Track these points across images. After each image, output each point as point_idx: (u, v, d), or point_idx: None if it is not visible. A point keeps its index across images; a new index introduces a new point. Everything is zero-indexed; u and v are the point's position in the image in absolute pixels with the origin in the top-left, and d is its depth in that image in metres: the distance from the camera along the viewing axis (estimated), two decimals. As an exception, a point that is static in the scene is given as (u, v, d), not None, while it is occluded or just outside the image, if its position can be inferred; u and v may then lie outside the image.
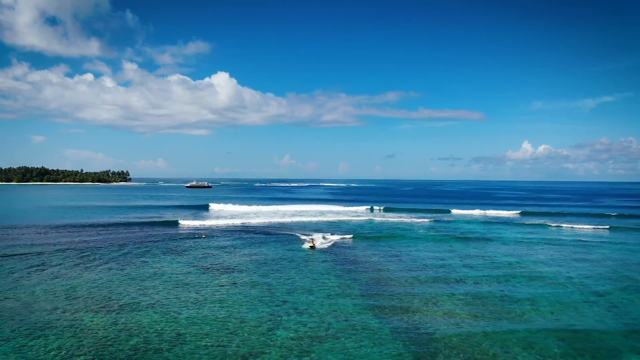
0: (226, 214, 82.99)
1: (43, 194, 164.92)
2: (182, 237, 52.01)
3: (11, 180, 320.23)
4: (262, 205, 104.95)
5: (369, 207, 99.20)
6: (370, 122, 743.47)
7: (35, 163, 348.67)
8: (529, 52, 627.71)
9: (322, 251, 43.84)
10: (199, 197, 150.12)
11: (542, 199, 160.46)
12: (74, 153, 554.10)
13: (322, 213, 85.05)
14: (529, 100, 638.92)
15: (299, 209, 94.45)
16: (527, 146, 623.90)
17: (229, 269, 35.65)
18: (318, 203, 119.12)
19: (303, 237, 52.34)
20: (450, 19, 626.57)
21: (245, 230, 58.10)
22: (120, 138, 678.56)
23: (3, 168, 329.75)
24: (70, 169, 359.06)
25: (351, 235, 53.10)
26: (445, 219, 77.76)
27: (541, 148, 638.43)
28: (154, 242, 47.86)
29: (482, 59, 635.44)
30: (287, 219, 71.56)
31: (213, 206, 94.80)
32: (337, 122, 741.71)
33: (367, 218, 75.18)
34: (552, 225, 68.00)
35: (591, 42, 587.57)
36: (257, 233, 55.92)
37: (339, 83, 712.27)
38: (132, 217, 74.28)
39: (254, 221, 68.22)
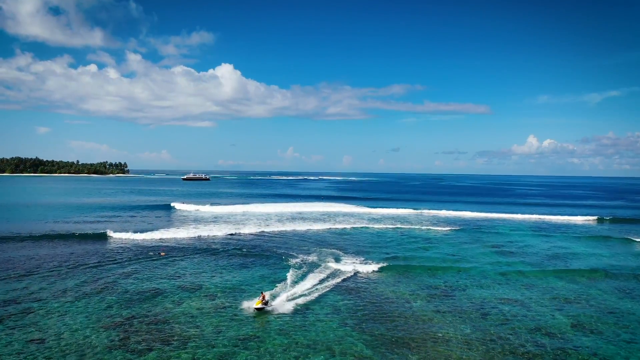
0: (209, 217, 66.86)
1: (16, 186, 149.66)
2: (119, 259, 36.02)
3: (4, 171, 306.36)
4: (257, 203, 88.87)
5: (384, 209, 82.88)
6: (375, 115, 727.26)
7: (41, 154, 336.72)
8: (535, 45, 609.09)
9: (336, 292, 27.72)
10: (188, 192, 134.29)
11: (570, 196, 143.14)
12: (79, 144, 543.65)
13: (328, 216, 68.86)
14: (534, 94, 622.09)
15: (300, 209, 78.14)
16: (532, 140, 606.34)
17: (159, 335, 19.65)
18: (322, 201, 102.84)
19: (301, 257, 36.36)
20: (456, 13, 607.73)
21: (222, 249, 41.92)
22: (124, 130, 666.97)
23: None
24: (65, 160, 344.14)
25: (378, 266, 33.80)
26: (485, 225, 61.31)
27: (546, 142, 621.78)
28: (72, 267, 31.73)
29: (488, 53, 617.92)
30: (282, 227, 55.30)
31: (196, 207, 78.26)
32: (341, 114, 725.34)
33: (385, 226, 58.85)
34: None
35: (597, 36, 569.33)
36: (236, 251, 39.89)
37: (344, 75, 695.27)
38: (82, 221, 57.95)
39: (240, 231, 51.90)
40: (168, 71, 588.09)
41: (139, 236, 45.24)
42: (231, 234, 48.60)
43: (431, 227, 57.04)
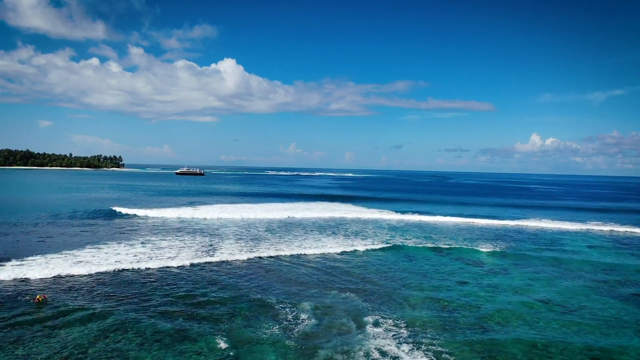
0: (172, 227, 50.15)
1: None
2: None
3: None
4: (245, 203, 72.98)
5: (403, 214, 66.88)
6: (378, 112, 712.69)
7: (42, 149, 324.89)
8: (539, 43, 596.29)
9: None
10: (173, 189, 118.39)
11: (602, 197, 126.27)
12: (81, 138, 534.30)
13: (334, 224, 52.64)
14: (538, 92, 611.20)
15: (297, 213, 61.63)
16: (535, 138, 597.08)
17: None
18: (325, 201, 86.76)
19: (286, 322, 20.37)
20: (461, 10, 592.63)
21: (153, 295, 25.84)
22: (127, 124, 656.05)
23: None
24: (58, 153, 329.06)
25: None
26: (545, 238, 44.71)
27: (549, 141, 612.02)
28: None
29: (492, 50, 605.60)
30: (269, 245, 38.92)
31: (161, 212, 61.98)
32: (344, 111, 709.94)
33: (417, 242, 42.50)
34: None
35: (602, 34, 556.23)
36: (175, 302, 23.75)
37: (348, 71, 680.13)
38: None
39: (205, 259, 35.94)
40: (170, 65, 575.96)
41: (19, 271, 26.80)
42: (183, 265, 32.38)
43: (481, 247, 40.67)
